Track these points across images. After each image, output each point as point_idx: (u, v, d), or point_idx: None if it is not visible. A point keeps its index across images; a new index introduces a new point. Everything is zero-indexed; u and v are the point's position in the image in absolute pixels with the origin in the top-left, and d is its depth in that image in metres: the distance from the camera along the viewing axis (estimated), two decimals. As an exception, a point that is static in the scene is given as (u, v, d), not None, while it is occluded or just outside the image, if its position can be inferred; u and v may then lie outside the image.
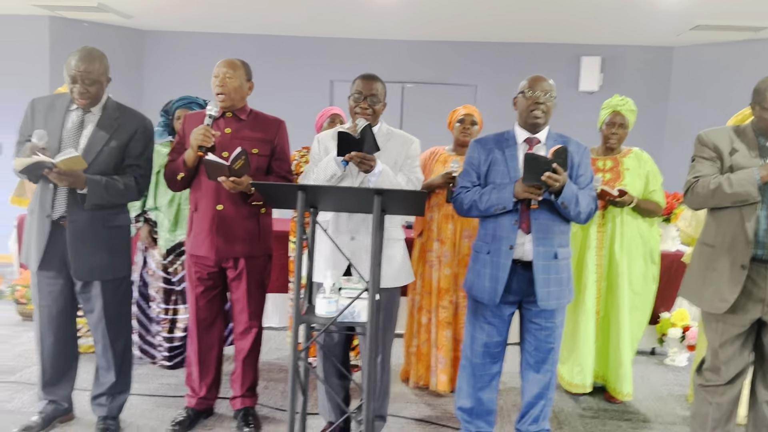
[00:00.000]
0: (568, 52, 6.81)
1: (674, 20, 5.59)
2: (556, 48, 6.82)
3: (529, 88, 2.62)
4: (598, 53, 6.73)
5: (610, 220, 3.46)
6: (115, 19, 6.63)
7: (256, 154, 2.84)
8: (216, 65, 2.84)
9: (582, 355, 3.49)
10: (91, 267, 2.70)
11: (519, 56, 6.85)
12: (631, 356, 3.55)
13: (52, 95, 2.82)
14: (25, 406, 3.15)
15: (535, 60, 6.83)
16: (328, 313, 2.36)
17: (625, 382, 3.50)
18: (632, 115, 3.48)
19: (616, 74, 6.76)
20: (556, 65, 6.81)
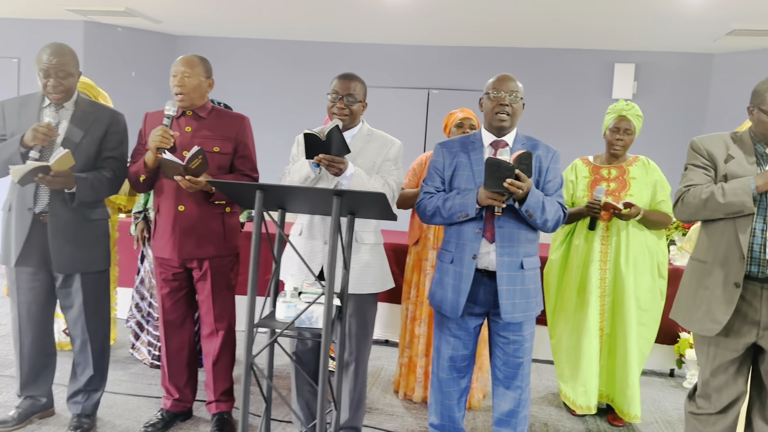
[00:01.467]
0: (600, 59, 6.56)
1: (709, 25, 5.31)
2: (587, 54, 6.58)
3: (494, 88, 2.49)
4: (631, 60, 6.46)
5: (614, 233, 3.27)
6: (147, 25, 6.77)
7: (218, 153, 2.78)
8: (174, 63, 2.79)
9: (585, 374, 3.30)
10: (73, 260, 2.70)
11: (548, 62, 6.65)
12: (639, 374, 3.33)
13: (20, 96, 2.83)
14: (11, 400, 3.18)
15: (565, 66, 6.62)
16: (287, 317, 2.28)
17: (633, 403, 3.28)
18: (639, 120, 3.28)
19: (651, 81, 6.48)
20: (587, 72, 6.58)
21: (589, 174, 3.36)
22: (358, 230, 2.60)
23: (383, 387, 3.73)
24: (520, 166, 2.27)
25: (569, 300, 3.39)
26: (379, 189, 2.52)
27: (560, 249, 3.44)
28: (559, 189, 2.53)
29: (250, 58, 7.19)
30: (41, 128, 2.55)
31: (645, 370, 4.19)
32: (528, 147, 2.53)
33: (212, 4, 5.71)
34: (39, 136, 2.55)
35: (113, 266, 4.01)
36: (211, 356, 2.93)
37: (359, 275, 2.59)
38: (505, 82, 2.49)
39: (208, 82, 2.83)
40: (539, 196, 2.37)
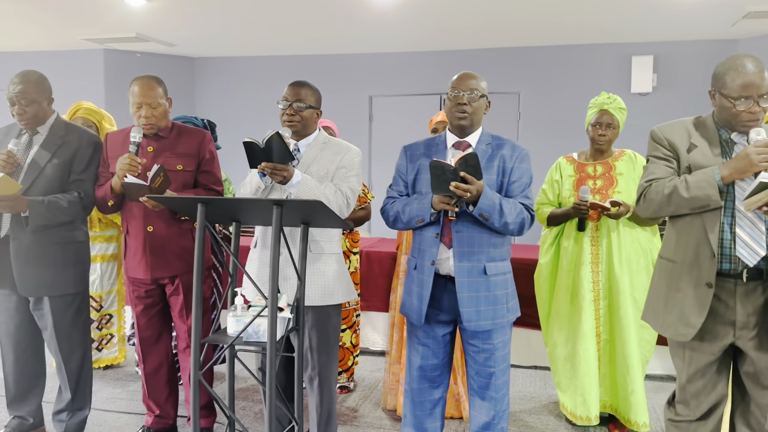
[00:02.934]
0: (616, 53, 6.34)
1: (724, 9, 5.05)
2: (603, 49, 6.38)
3: (452, 87, 2.40)
4: (649, 52, 6.22)
5: (605, 233, 3.11)
6: (163, 49, 6.94)
7: (181, 170, 2.79)
8: (132, 89, 2.77)
9: (583, 383, 3.14)
10: (37, 283, 2.74)
11: (563, 60, 6.48)
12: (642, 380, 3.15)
13: (5, 126, 2.90)
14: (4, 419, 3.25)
15: (581, 63, 6.43)
16: (235, 332, 2.26)
17: (638, 410, 3.10)
18: (621, 113, 3.12)
19: (672, 73, 6.21)
20: (604, 67, 6.38)
21: (574, 172, 3.22)
22: (319, 240, 2.55)
23: (377, 400, 3.65)
24: (466, 168, 2.18)
25: (562, 305, 3.25)
26: (329, 196, 2.47)
27: (549, 252, 3.31)
28: (525, 189, 2.41)
29: (266, 75, 7.28)
30: (0, 155, 2.61)
31: (654, 375, 3.97)
32: (493, 146, 2.43)
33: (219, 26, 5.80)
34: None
35: (120, 286, 4.09)
36: (188, 371, 2.93)
37: (318, 286, 2.54)
38: (464, 80, 2.40)
39: (168, 103, 2.86)
40: (494, 199, 2.26)
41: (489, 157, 2.40)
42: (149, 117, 2.75)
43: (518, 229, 2.34)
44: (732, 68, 2.00)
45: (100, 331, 4.04)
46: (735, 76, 1.98)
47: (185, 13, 5.42)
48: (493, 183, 2.36)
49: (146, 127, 2.76)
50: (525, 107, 6.61)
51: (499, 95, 6.64)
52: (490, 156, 2.40)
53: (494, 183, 2.36)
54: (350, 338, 3.67)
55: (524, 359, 4.27)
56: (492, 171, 2.38)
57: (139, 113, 2.75)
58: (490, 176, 2.36)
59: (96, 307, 3.99)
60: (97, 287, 3.97)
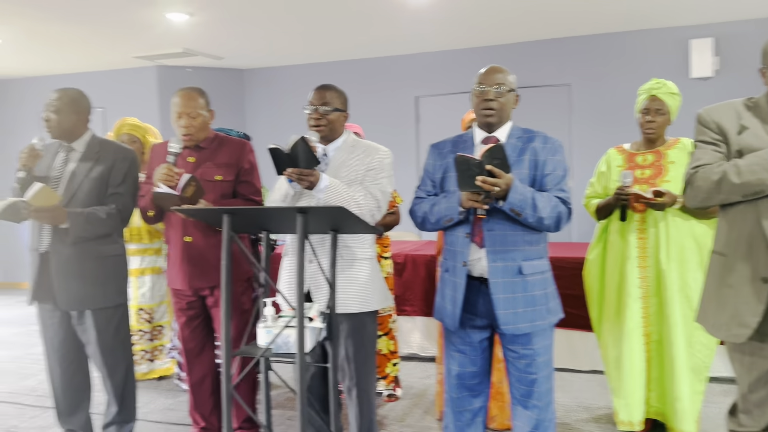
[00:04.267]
0: (673, 37, 6.01)
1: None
2: (658, 33, 6.06)
3: (478, 82, 2.28)
4: (709, 34, 5.86)
5: (652, 224, 2.91)
6: (212, 62, 7.06)
7: (220, 181, 2.78)
8: (173, 100, 2.79)
9: (627, 386, 2.95)
10: (78, 297, 2.77)
11: (615, 48, 6.20)
12: (699, 386, 2.93)
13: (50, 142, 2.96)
14: None
15: (635, 50, 6.13)
16: (267, 343, 2.22)
17: (684, 417, 2.88)
18: (672, 99, 2.92)
19: (734, 55, 5.82)
20: (660, 53, 6.06)
21: (623, 163, 3.04)
22: (350, 246, 2.48)
23: (426, 408, 3.55)
24: (492, 161, 2.05)
25: (610, 304, 3.06)
26: (359, 199, 2.40)
27: (597, 248, 3.13)
28: (560, 182, 2.26)
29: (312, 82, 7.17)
30: (23, 150, 2.68)
31: (720, 378, 3.70)
32: (523, 140, 2.30)
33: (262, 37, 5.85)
34: (22, 157, 2.67)
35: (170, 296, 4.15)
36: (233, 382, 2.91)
37: (352, 294, 2.47)
38: (490, 74, 2.29)
39: (209, 115, 2.86)
40: (526, 192, 2.13)
41: (520, 150, 2.27)
42: (188, 127, 2.76)
43: (555, 224, 2.20)
44: None
45: (152, 342, 4.10)
46: None
47: (228, 26, 5.48)
48: (525, 177, 2.23)
49: (185, 137, 2.77)
50: (576, 99, 6.37)
51: (548, 88, 6.43)
52: (521, 150, 2.27)
53: (526, 177, 2.23)
54: (387, 345, 3.59)
55: (582, 363, 4.07)
56: (523, 165, 2.25)
57: (178, 123, 2.77)
58: (521, 170, 2.23)
59: (147, 319, 4.06)
60: (147, 299, 4.04)
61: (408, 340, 4.37)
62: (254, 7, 4.84)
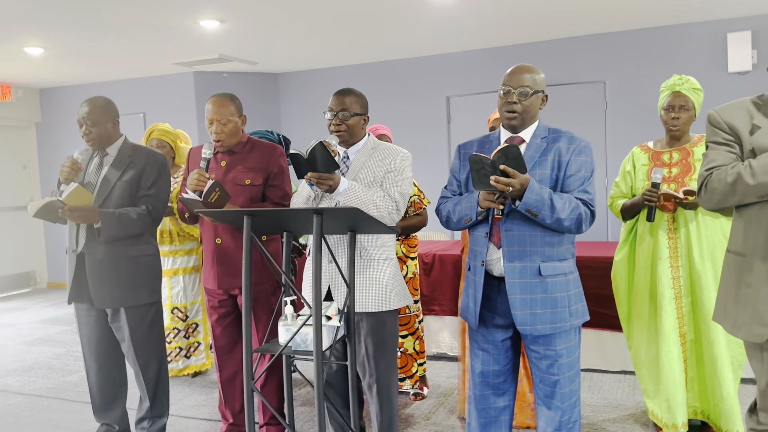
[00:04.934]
0: (710, 30, 5.87)
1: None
2: (695, 27, 5.92)
3: (503, 83, 2.27)
4: (746, 27, 5.70)
5: (682, 224, 2.88)
6: (247, 67, 7.21)
7: (249, 185, 2.86)
8: (206, 107, 2.87)
9: (667, 387, 2.92)
10: (113, 295, 2.89)
11: (651, 43, 6.08)
12: (735, 384, 2.88)
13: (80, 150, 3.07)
14: (99, 426, 3.47)
15: (670, 45, 6.01)
16: (285, 341, 2.28)
17: (731, 417, 2.85)
18: (696, 94, 2.88)
19: (774, 47, 5.67)
20: (696, 47, 5.92)
21: (648, 161, 3.00)
22: (368, 246, 2.53)
23: (452, 407, 3.57)
24: (507, 161, 2.06)
25: (641, 305, 3.03)
26: (377, 201, 2.44)
27: (624, 248, 3.10)
28: (583, 184, 2.23)
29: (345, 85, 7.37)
30: (65, 164, 2.80)
31: (756, 379, 3.60)
32: (549, 140, 2.28)
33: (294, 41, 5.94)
34: (64, 170, 2.80)
35: (203, 295, 4.28)
36: (260, 380, 3.00)
37: (371, 293, 2.51)
38: (516, 75, 2.26)
39: (241, 120, 2.94)
40: (542, 193, 2.12)
41: (543, 150, 2.25)
42: (219, 133, 2.84)
43: (575, 226, 2.18)
44: None
45: (188, 339, 4.23)
46: None
47: (260, 32, 5.59)
48: (547, 177, 2.22)
49: (217, 143, 2.86)
50: (611, 96, 6.27)
51: (582, 85, 6.36)
52: (545, 150, 2.25)
53: (548, 177, 2.22)
54: (413, 345, 3.62)
55: (610, 364, 4.03)
56: (545, 165, 2.23)
57: (210, 129, 2.86)
58: (543, 170, 2.22)
59: (182, 317, 4.19)
60: (181, 298, 4.17)
61: (437, 339, 4.40)
62: (284, 12, 4.93)
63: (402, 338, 3.58)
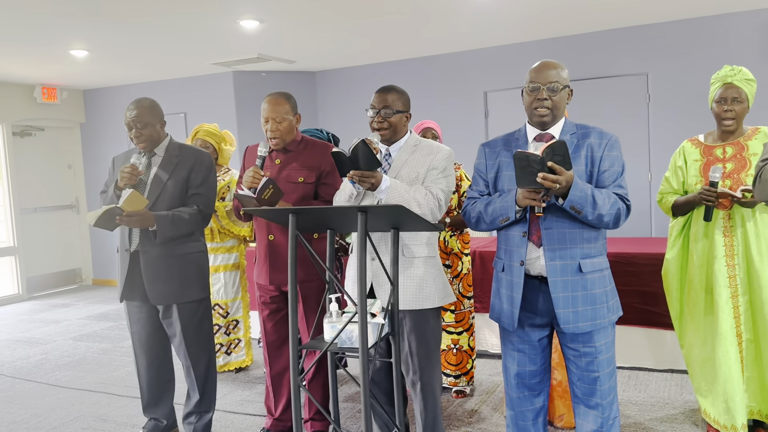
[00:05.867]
0: (756, 20, 5.68)
1: None
2: (739, 17, 5.74)
3: (531, 80, 2.24)
4: (797, 14, 5.52)
5: (738, 223, 2.79)
6: (285, 66, 7.26)
7: (302, 183, 2.89)
8: (263, 105, 2.91)
9: (725, 388, 2.84)
10: (166, 292, 2.95)
11: (695, 33, 5.92)
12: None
13: (128, 150, 3.17)
14: (147, 420, 3.54)
15: (715, 35, 5.84)
16: (331, 338, 2.28)
17: None
18: (749, 85, 2.78)
19: (827, 35, 5.46)
20: (742, 38, 5.74)
21: (700, 156, 2.92)
22: (409, 244, 2.52)
23: (494, 404, 3.54)
24: (554, 158, 2.02)
25: (696, 304, 2.95)
26: (420, 199, 2.43)
27: (676, 246, 3.02)
28: (617, 179, 2.21)
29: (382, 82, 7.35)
30: (125, 169, 2.85)
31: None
32: (578, 136, 2.25)
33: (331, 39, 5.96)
34: (124, 176, 2.85)
35: (244, 293, 4.33)
36: (308, 376, 3.02)
37: (414, 290, 2.50)
38: (542, 71, 2.24)
39: (296, 119, 2.97)
40: (586, 189, 2.09)
41: (575, 147, 2.23)
42: (274, 131, 2.88)
43: (614, 222, 2.15)
44: None
45: (229, 336, 4.29)
46: None
47: (298, 31, 5.62)
48: (582, 174, 2.19)
49: (272, 141, 2.89)
50: (654, 88, 6.12)
51: (624, 78, 6.23)
52: (576, 146, 2.23)
53: (583, 174, 2.19)
54: (468, 341, 3.60)
55: (658, 362, 3.94)
56: (579, 161, 2.20)
57: (266, 128, 2.90)
58: (578, 167, 2.19)
59: (222, 314, 4.25)
60: (222, 295, 4.23)
61: (478, 336, 4.36)
62: (322, 10, 4.95)
63: (458, 335, 3.58)
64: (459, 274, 3.56)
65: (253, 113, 7.47)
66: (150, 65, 6.91)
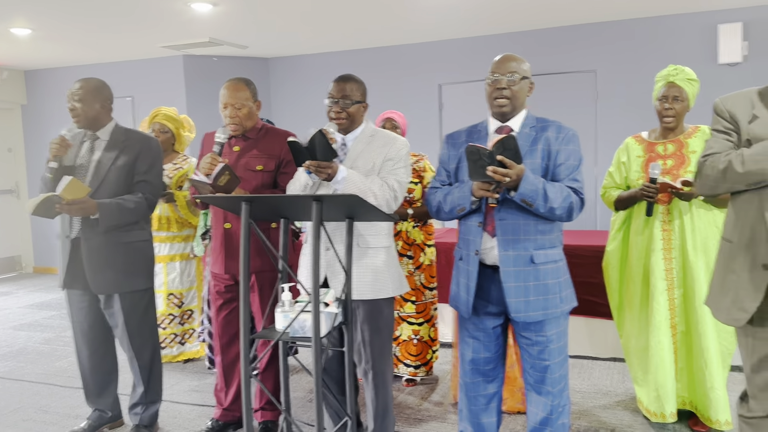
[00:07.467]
0: (701, 22, 5.90)
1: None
2: (686, 18, 5.95)
3: (491, 71, 2.30)
4: (737, 18, 5.74)
5: (677, 216, 2.91)
6: (237, 51, 7.13)
7: (261, 171, 2.85)
8: (222, 90, 2.86)
9: (657, 377, 2.96)
10: (108, 282, 2.87)
11: (642, 33, 6.10)
12: (724, 374, 2.93)
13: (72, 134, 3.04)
14: (91, 411, 3.46)
15: (662, 35, 6.03)
16: (283, 327, 2.28)
17: (718, 407, 2.89)
18: (690, 85, 2.90)
19: (764, 40, 5.70)
20: (687, 38, 5.95)
21: (642, 153, 3.02)
22: (364, 234, 2.53)
23: (443, 393, 3.60)
24: (504, 152, 2.08)
25: (633, 295, 3.07)
26: (375, 190, 2.44)
27: (617, 238, 3.13)
28: (573, 172, 2.28)
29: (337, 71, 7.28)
30: (54, 141, 2.77)
31: (742, 367, 3.67)
32: (537, 129, 2.32)
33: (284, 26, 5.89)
34: (53, 148, 2.76)
35: (200, 283, 4.26)
36: (261, 365, 3.01)
37: (368, 280, 2.52)
38: (503, 63, 2.31)
39: (255, 105, 2.92)
40: (537, 183, 2.15)
41: (533, 140, 2.29)
42: (233, 117, 2.83)
43: (567, 214, 2.22)
44: None
45: (183, 326, 4.22)
46: None
47: (251, 16, 5.53)
48: (538, 167, 2.25)
49: (231, 127, 2.84)
50: (603, 86, 6.29)
51: (574, 74, 6.37)
52: (534, 139, 2.29)
53: (539, 167, 2.25)
54: (428, 332, 3.64)
55: (602, 351, 4.08)
56: (536, 154, 2.26)
57: (224, 113, 2.85)
58: (534, 160, 2.25)
59: (177, 304, 4.18)
60: (177, 285, 4.15)
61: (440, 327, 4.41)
62: (277, -4, 4.90)
63: (419, 326, 3.62)
64: (421, 265, 3.59)
65: (204, 99, 7.33)
66: (96, 46, 6.68)
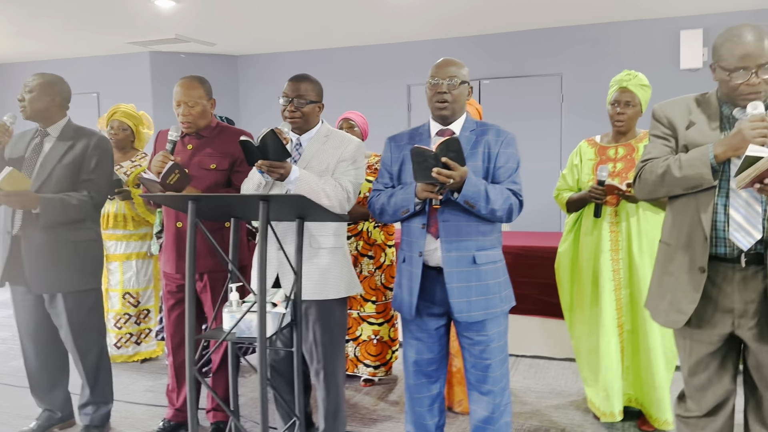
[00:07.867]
0: (663, 28, 6.02)
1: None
2: (648, 24, 6.07)
3: (431, 75, 2.33)
4: (698, 25, 5.87)
5: (624, 218, 2.96)
6: (206, 48, 7.08)
7: (215, 170, 2.82)
8: (175, 88, 2.83)
9: (605, 377, 3.01)
10: (49, 280, 2.81)
11: (607, 38, 6.20)
12: (670, 374, 2.99)
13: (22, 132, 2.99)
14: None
15: (626, 40, 6.14)
16: (230, 327, 2.27)
17: (663, 406, 2.96)
18: (643, 91, 2.95)
19: (724, 46, 5.83)
20: (651, 44, 6.06)
21: (594, 156, 3.07)
22: (315, 234, 2.53)
23: (400, 393, 3.61)
24: (448, 154, 2.10)
25: (584, 296, 3.12)
26: (328, 191, 2.44)
27: (568, 240, 3.18)
28: (512, 175, 2.32)
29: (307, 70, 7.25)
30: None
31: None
32: (477, 133, 2.35)
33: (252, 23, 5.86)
34: None
35: (156, 282, 4.21)
36: (214, 365, 2.99)
37: (319, 280, 2.52)
38: (443, 67, 2.33)
39: (210, 103, 2.89)
40: (479, 185, 2.18)
41: (473, 143, 2.32)
42: (186, 115, 2.80)
43: (507, 216, 2.26)
44: (729, 39, 1.87)
45: (138, 325, 4.17)
46: (731, 47, 1.85)
47: (217, 13, 5.49)
48: (479, 169, 2.28)
49: (184, 125, 2.81)
50: (568, 89, 6.38)
51: (540, 78, 6.45)
52: (475, 142, 2.32)
53: (480, 169, 2.29)
54: (388, 332, 3.65)
55: (557, 351, 4.13)
56: (477, 157, 2.30)
57: (177, 111, 2.82)
58: (475, 163, 2.29)
59: (133, 303, 4.13)
60: (133, 284, 4.11)
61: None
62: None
63: (378, 326, 3.62)
64: (382, 266, 3.60)
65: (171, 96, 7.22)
66: (60, 41, 6.58)
